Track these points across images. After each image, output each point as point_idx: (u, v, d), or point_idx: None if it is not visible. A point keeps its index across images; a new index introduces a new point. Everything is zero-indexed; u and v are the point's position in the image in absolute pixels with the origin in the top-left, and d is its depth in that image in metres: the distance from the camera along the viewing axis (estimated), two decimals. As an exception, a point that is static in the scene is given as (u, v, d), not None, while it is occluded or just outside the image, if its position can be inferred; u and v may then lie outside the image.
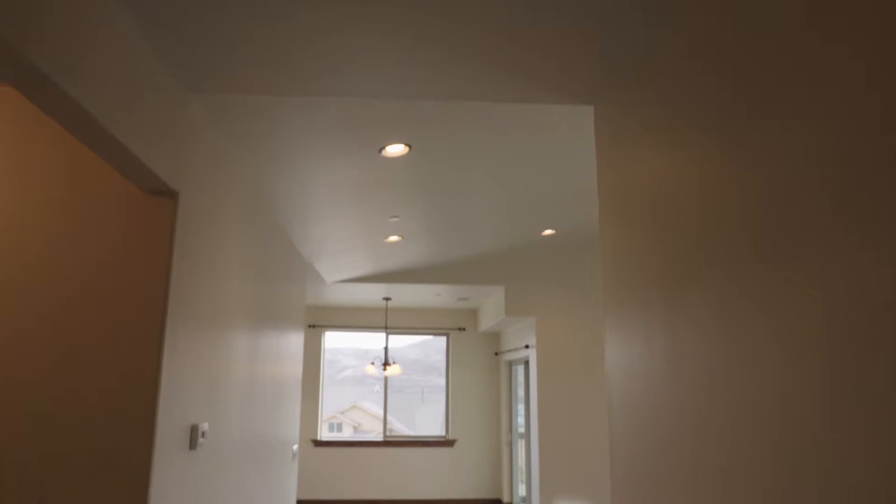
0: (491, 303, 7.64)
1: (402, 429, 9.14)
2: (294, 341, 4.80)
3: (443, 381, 9.17)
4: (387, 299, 7.93)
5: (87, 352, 2.02)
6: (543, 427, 6.47)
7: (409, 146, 3.03)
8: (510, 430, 8.51)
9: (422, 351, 16.09)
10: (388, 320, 8.59)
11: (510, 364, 8.68)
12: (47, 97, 1.51)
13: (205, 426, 2.44)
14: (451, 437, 8.77)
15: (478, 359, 8.98)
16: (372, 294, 7.64)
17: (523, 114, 2.72)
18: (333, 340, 9.24)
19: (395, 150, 3.05)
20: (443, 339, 9.19)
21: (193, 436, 2.34)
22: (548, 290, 6.75)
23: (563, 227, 5.57)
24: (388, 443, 8.69)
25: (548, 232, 5.77)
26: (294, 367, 4.82)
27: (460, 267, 6.70)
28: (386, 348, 8.15)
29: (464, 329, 8.98)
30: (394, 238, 5.14)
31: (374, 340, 9.18)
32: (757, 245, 1.38)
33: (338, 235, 4.88)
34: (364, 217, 4.50)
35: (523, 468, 7.93)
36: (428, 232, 5.25)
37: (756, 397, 1.38)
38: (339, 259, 5.70)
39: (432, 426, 9.70)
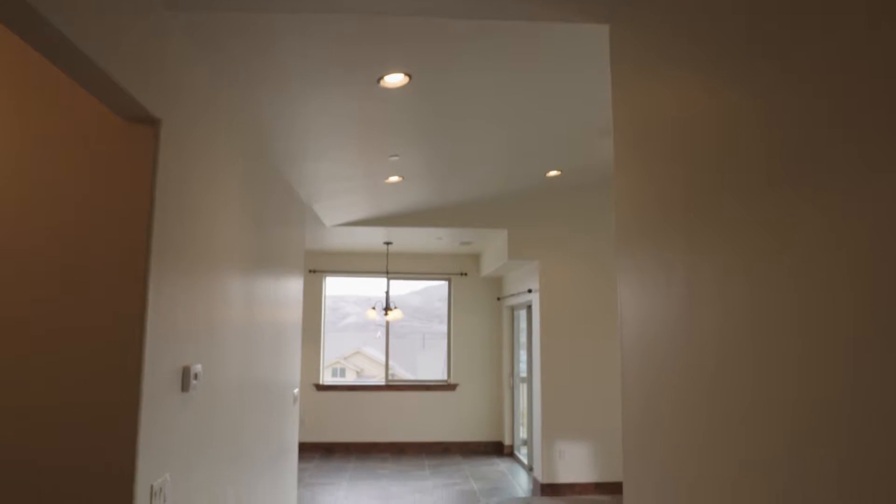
0: (493, 247, 7.53)
1: (403, 374, 9.19)
2: (294, 286, 4.70)
3: (444, 328, 9.15)
4: (388, 244, 7.82)
5: (68, 291, 1.90)
6: (546, 371, 6.45)
7: (409, 76, 2.84)
8: (512, 374, 8.53)
9: (423, 298, 16.17)
10: (389, 265, 8.50)
11: (512, 309, 8.63)
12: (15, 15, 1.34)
13: (197, 368, 2.35)
14: (452, 381, 8.81)
15: (480, 304, 8.93)
16: (373, 238, 7.52)
17: (529, 41, 2.52)
18: (335, 287, 9.18)
19: (395, 80, 2.86)
20: (444, 286, 9.12)
21: (185, 378, 2.25)
22: (552, 234, 6.63)
23: (568, 168, 5.40)
24: (390, 387, 8.73)
25: (553, 173, 5.60)
26: (294, 311, 4.74)
27: (462, 210, 6.55)
28: (387, 293, 8.08)
29: (465, 274, 8.90)
30: (394, 179, 4.98)
31: (375, 287, 9.11)
32: (783, 181, 1.25)
33: (337, 175, 4.72)
34: (363, 156, 4.33)
35: (525, 412, 7.97)
36: (429, 173, 5.08)
37: (779, 342, 1.27)
38: (339, 201, 5.55)
39: (434, 372, 9.74)
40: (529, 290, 6.77)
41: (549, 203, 6.64)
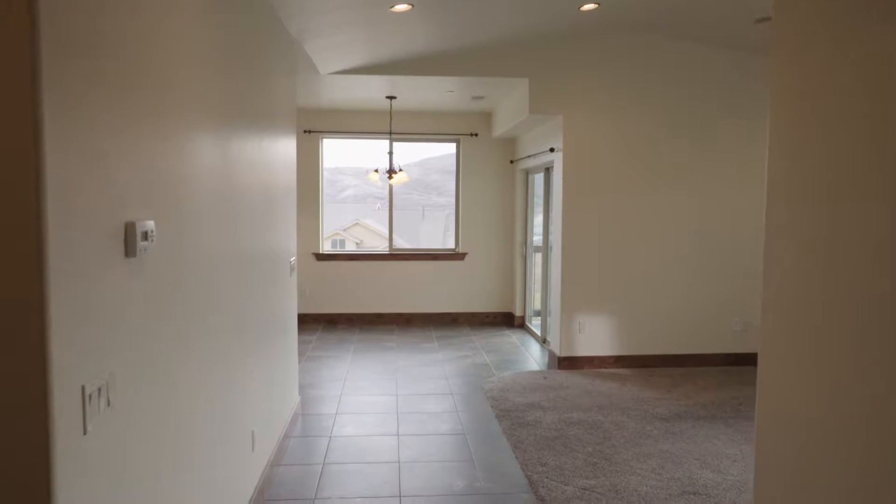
0: (510, 102, 6.69)
1: (405, 246, 8.73)
2: (285, 146, 3.99)
3: (443, 200, 8.54)
4: (391, 98, 6.96)
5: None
6: (567, 239, 5.87)
7: None
8: (525, 243, 8.00)
9: (422, 170, 15.63)
10: (392, 125, 7.69)
11: (527, 172, 7.93)
12: None
13: (147, 225, 1.70)
14: (461, 250, 8.29)
15: (491, 167, 8.21)
16: (374, 92, 6.66)
17: None
18: (333, 156, 8.39)
19: None
20: (444, 157, 8.37)
21: (130, 238, 1.61)
22: (579, 85, 5.79)
23: (609, 0, 4.49)
24: (394, 256, 8.22)
25: (588, 7, 4.70)
26: (287, 175, 4.06)
27: (477, 55, 5.67)
28: (390, 154, 7.34)
29: (476, 135, 8.10)
30: (401, 7, 4.09)
31: (376, 153, 8.33)
32: None
33: (331, 1, 3.84)
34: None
35: (539, 282, 7.52)
36: (440, 4, 4.19)
37: None
38: (336, 38, 4.68)
39: (436, 244, 9.22)
40: (552, 150, 6.04)
41: (579, 47, 5.74)
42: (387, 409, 4.80)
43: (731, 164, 6.03)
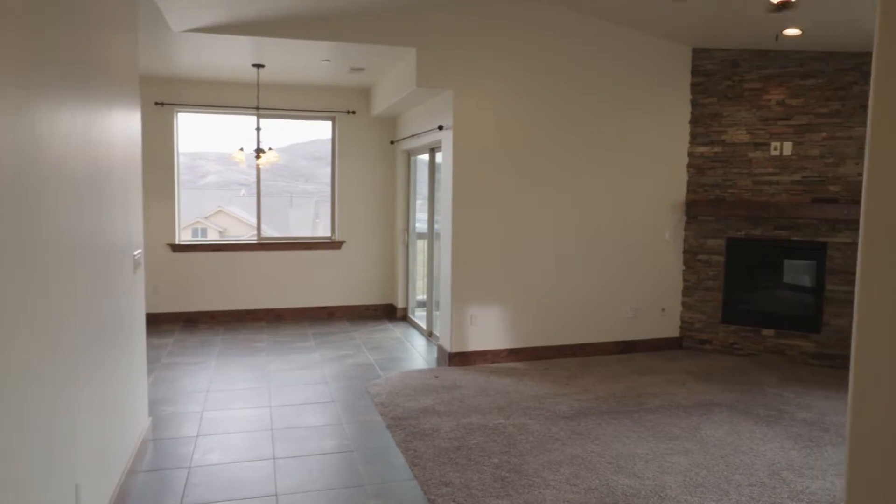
0: (394, 75, 6.11)
1: (275, 235, 7.95)
2: (125, 118, 3.18)
3: (311, 188, 7.87)
4: (258, 67, 6.14)
5: None
6: (459, 224, 5.42)
7: None
8: (407, 229, 7.49)
9: (288, 156, 14.90)
10: (260, 98, 6.85)
11: (409, 154, 7.41)
12: None
13: None
14: (338, 238, 7.62)
15: (370, 148, 7.60)
16: (239, 58, 5.81)
17: None
18: (194, 139, 7.35)
19: None
20: (312, 143, 7.68)
21: None
22: (473, 56, 5.33)
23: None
24: (263, 245, 7.40)
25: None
26: (128, 152, 3.24)
27: (358, 19, 5.04)
28: (258, 129, 6.49)
29: (354, 112, 7.44)
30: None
31: (243, 136, 7.42)
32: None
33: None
34: None
35: (424, 272, 7.05)
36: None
37: None
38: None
39: (305, 232, 8.50)
40: (440, 127, 5.54)
41: (473, 16, 5.27)
42: (259, 426, 4.10)
43: (627, 151, 5.87)
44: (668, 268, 6.13)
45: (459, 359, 5.53)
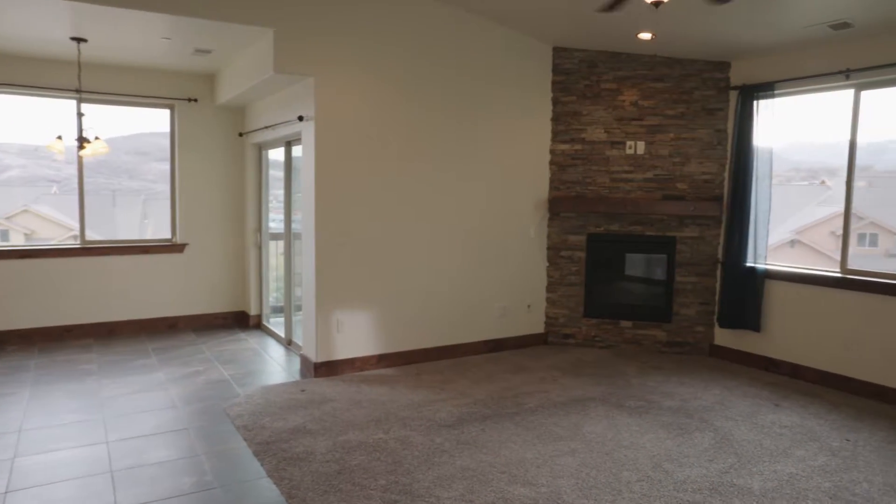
0: (246, 58, 5.53)
1: (95, 238, 6.91)
2: None
3: (136, 185, 7.08)
4: (79, 41, 5.24)
5: None
6: (322, 224, 5.00)
7: None
8: (259, 229, 6.89)
9: (111, 150, 13.48)
10: (82, 79, 5.89)
11: (260, 147, 6.81)
12: None
13: None
14: (179, 240, 6.82)
15: (215, 141, 6.88)
16: (53, 28, 4.91)
17: None
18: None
19: None
20: (136, 136, 6.88)
21: None
22: (338, 40, 4.93)
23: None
24: (88, 250, 6.42)
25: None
26: None
27: (206, -8, 4.45)
28: (80, 115, 5.55)
29: (196, 100, 6.69)
30: None
31: (59, 124, 6.38)
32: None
33: None
34: None
35: (281, 275, 6.50)
36: None
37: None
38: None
39: (131, 234, 7.59)
40: (300, 118, 5.08)
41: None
42: (94, 468, 3.42)
43: (494, 146, 5.78)
44: (533, 265, 6.15)
45: (326, 368, 5.12)
